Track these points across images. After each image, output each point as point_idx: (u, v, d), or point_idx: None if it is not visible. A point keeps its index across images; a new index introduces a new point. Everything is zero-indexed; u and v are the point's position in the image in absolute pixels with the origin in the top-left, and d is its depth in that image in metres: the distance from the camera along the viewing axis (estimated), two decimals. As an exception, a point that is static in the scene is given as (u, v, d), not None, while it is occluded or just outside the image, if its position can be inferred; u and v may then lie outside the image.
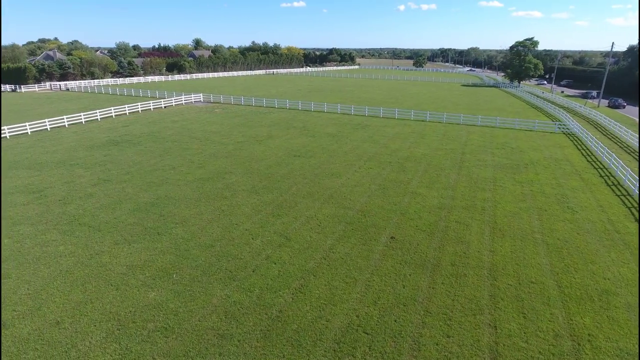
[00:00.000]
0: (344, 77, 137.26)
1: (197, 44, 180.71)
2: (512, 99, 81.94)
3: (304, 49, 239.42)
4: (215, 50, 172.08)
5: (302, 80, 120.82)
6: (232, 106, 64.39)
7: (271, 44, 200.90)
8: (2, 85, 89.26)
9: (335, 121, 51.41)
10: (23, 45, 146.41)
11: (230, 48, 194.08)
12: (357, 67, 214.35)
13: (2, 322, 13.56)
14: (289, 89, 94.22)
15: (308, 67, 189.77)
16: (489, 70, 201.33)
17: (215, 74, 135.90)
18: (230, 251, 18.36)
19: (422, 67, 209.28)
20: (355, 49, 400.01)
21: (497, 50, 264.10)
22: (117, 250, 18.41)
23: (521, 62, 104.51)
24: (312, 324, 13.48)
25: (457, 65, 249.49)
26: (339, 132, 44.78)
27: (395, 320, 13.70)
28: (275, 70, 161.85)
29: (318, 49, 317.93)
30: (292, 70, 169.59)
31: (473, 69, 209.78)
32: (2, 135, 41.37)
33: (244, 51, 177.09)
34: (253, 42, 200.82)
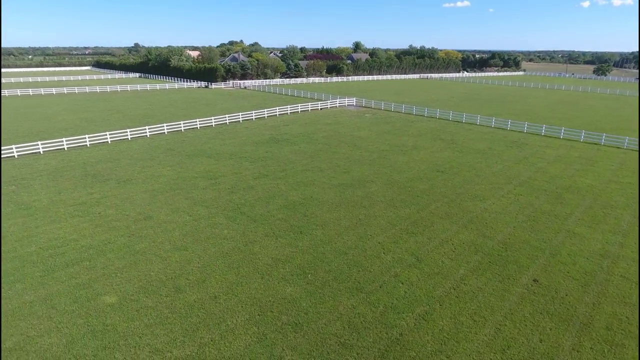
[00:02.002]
0: (504, 85, 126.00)
1: (357, 47, 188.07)
2: None
3: (462, 52, 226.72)
4: (373, 53, 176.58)
5: (456, 87, 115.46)
6: (381, 112, 65.75)
7: (428, 46, 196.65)
8: (188, 82, 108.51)
9: (487, 136, 48.07)
10: (217, 47, 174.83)
11: (387, 51, 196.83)
12: (521, 73, 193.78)
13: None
14: (441, 95, 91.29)
15: (465, 72, 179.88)
16: None
17: (370, 77, 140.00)
18: (361, 262, 19.31)
19: (605, 75, 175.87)
20: (521, 52, 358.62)
21: None
22: (266, 242, 21.14)
23: None
24: (431, 356, 13.44)
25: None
26: (489, 148, 41.85)
27: (523, 376, 12.67)
28: (429, 75, 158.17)
29: (478, 52, 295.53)
30: (447, 75, 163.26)
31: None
32: (195, 126, 50.62)
33: (400, 55, 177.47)
34: (410, 46, 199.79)
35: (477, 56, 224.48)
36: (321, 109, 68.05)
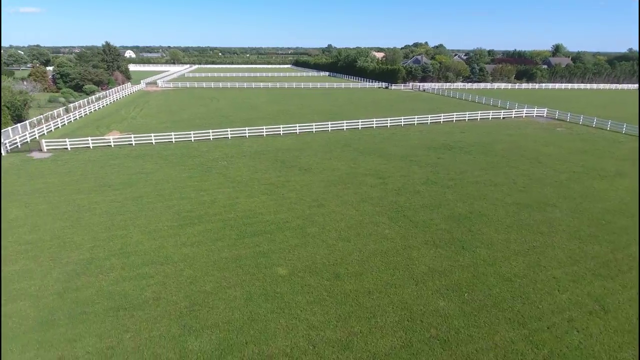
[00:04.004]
0: None
1: (557, 49, 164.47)
2: None
3: None
4: (576, 57, 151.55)
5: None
6: (578, 126, 56.48)
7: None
8: (370, 82, 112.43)
9: None
10: (401, 48, 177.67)
11: (595, 55, 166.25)
12: None
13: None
14: (671, 113, 72.59)
15: None
16: None
17: (570, 85, 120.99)
18: (528, 294, 17.48)
19: None
20: None
21: None
22: (425, 250, 21.05)
23: None
24: (603, 423, 11.46)
25: None
26: None
27: None
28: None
29: None
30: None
31: None
32: (371, 125, 53.04)
33: (613, 60, 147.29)
34: (630, 49, 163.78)
35: None
36: (503, 118, 62.49)
